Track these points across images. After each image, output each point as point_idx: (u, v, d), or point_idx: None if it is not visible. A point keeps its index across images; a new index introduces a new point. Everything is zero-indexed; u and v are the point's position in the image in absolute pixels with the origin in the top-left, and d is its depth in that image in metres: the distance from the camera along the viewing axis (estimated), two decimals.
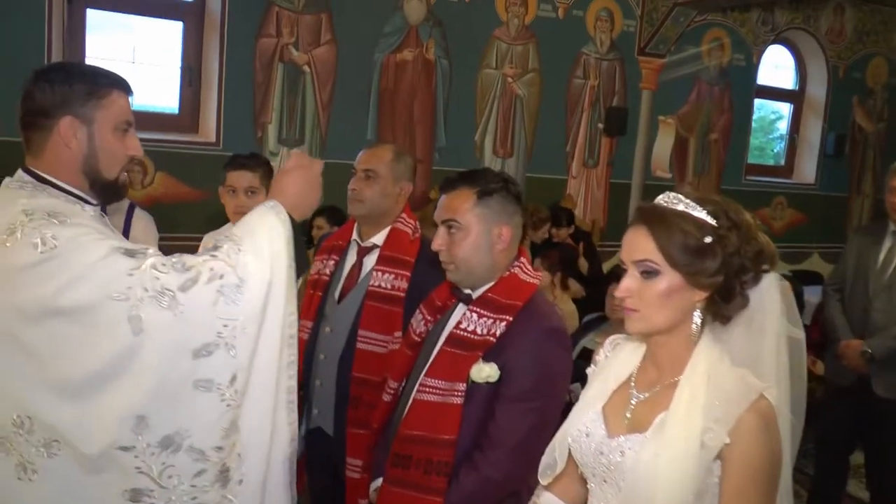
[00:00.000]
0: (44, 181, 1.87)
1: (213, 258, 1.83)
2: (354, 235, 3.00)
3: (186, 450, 1.78)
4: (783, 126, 9.60)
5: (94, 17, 6.09)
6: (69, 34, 5.94)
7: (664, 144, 8.37)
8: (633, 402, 1.76)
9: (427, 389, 2.21)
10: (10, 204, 1.80)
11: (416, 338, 2.43)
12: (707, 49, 8.40)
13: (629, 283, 1.68)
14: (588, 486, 1.81)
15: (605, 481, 1.74)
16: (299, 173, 2.06)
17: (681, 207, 1.66)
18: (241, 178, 3.33)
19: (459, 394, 2.15)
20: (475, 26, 7.19)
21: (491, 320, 2.20)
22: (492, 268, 2.27)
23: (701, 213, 1.65)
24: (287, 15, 6.43)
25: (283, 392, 1.95)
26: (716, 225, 1.64)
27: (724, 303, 1.67)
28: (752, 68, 8.73)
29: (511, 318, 2.19)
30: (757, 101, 9.08)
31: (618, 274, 4.90)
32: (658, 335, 1.72)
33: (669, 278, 1.65)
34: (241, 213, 3.26)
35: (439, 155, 7.12)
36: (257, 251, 1.87)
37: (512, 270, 2.28)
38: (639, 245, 1.67)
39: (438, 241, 2.26)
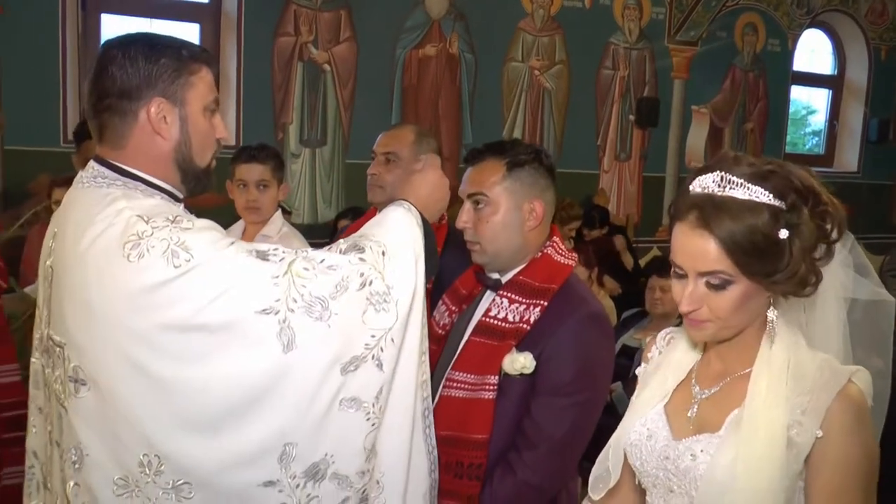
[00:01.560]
0: (131, 176, 1.62)
1: (362, 262, 1.63)
2: None
3: (331, 477, 1.59)
4: (817, 120, 9.29)
5: (109, 22, 6.01)
6: (84, 40, 5.85)
7: (698, 135, 8.12)
8: (696, 400, 1.56)
9: (455, 384, 2.00)
10: (102, 206, 1.55)
11: (440, 330, 2.21)
12: (740, 35, 8.13)
13: (695, 293, 1.46)
14: (647, 500, 1.59)
15: (671, 490, 1.53)
16: (431, 174, 1.92)
17: (741, 194, 1.40)
18: (252, 172, 3.13)
19: (491, 388, 1.93)
20: (499, 19, 7.01)
21: (524, 306, 1.98)
22: (522, 248, 2.05)
23: (766, 197, 1.40)
24: (305, 12, 6.28)
25: (419, 414, 1.75)
26: (784, 207, 1.40)
27: (799, 290, 1.45)
28: (788, 54, 8.45)
29: (546, 303, 1.97)
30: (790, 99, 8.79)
31: (656, 267, 4.69)
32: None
33: (744, 286, 1.44)
34: (253, 208, 3.10)
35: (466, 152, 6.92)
36: (402, 255, 1.70)
37: (545, 251, 2.06)
38: (703, 254, 1.43)
39: (464, 218, 2.04)
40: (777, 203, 1.40)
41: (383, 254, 1.67)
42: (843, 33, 8.93)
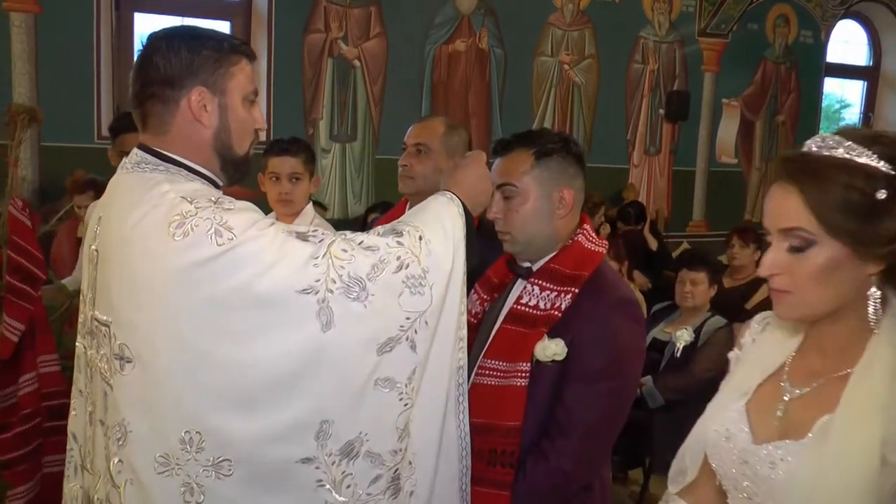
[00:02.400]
0: (173, 162, 1.67)
1: (400, 245, 1.67)
2: None
3: (364, 455, 1.63)
4: (851, 115, 9.17)
5: (141, 20, 6.09)
6: (117, 38, 5.94)
7: (729, 129, 8.07)
8: (785, 399, 1.41)
9: (486, 372, 2.00)
10: (146, 189, 1.60)
11: (472, 319, 2.21)
12: (772, 26, 8.04)
13: (775, 257, 1.32)
14: (728, 502, 1.47)
15: (749, 498, 1.40)
16: (476, 167, 1.94)
17: (840, 153, 1.27)
18: (285, 164, 3.17)
19: (523, 375, 1.93)
20: (529, 13, 7.01)
21: (555, 293, 1.99)
22: (553, 236, 2.06)
23: (869, 159, 1.26)
24: (335, 9, 6.33)
25: (452, 399, 1.79)
26: (892, 172, 1.25)
27: None
28: (821, 45, 8.37)
29: (577, 290, 1.97)
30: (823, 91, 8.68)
31: (687, 260, 4.65)
32: (821, 319, 1.37)
33: (829, 250, 1.28)
34: (286, 200, 3.13)
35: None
36: (439, 240, 1.74)
37: (575, 238, 2.07)
38: (785, 209, 1.30)
39: (494, 209, 2.05)
40: (880, 164, 1.25)
41: (420, 238, 1.71)
42: (879, 23, 8.81)
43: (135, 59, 1.73)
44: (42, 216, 3.99)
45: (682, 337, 4.34)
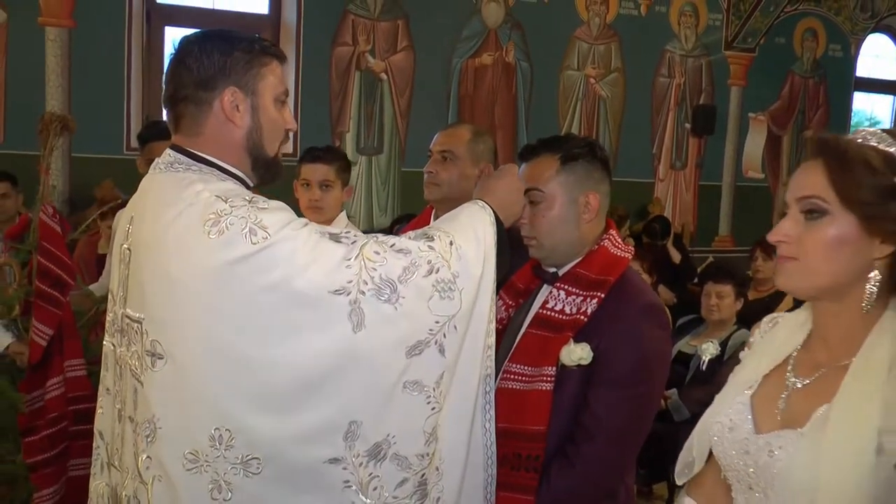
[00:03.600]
0: (206, 163, 1.69)
1: (431, 249, 1.69)
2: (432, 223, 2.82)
3: (391, 458, 1.64)
4: None
5: (172, 34, 6.18)
6: (148, 52, 6.03)
7: (756, 143, 8.03)
8: (788, 390, 1.43)
9: (511, 376, 1.99)
10: (180, 188, 1.62)
11: (497, 325, 2.21)
12: (800, 40, 8.00)
13: (787, 224, 1.36)
14: (733, 495, 1.48)
15: (750, 488, 1.41)
16: (509, 179, 1.97)
17: (873, 142, 1.32)
18: (316, 172, 3.19)
19: (549, 379, 1.92)
20: (555, 27, 7.03)
21: (581, 298, 1.98)
22: (579, 242, 2.05)
23: None
24: (363, 22, 6.38)
25: (479, 406, 1.80)
26: None
27: None
28: (850, 59, 8.32)
29: (603, 295, 1.96)
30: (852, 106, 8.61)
31: (712, 273, 4.62)
32: (824, 300, 1.38)
33: (841, 222, 1.31)
34: (315, 207, 3.15)
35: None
36: (470, 246, 1.75)
37: (601, 244, 2.06)
38: (806, 179, 1.35)
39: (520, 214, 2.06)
40: None
41: (451, 243, 1.72)
42: None
43: (165, 71, 1.77)
44: (71, 225, 4.04)
45: (708, 350, 4.31)
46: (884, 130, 1.35)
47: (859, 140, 1.34)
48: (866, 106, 9.00)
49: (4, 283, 3.31)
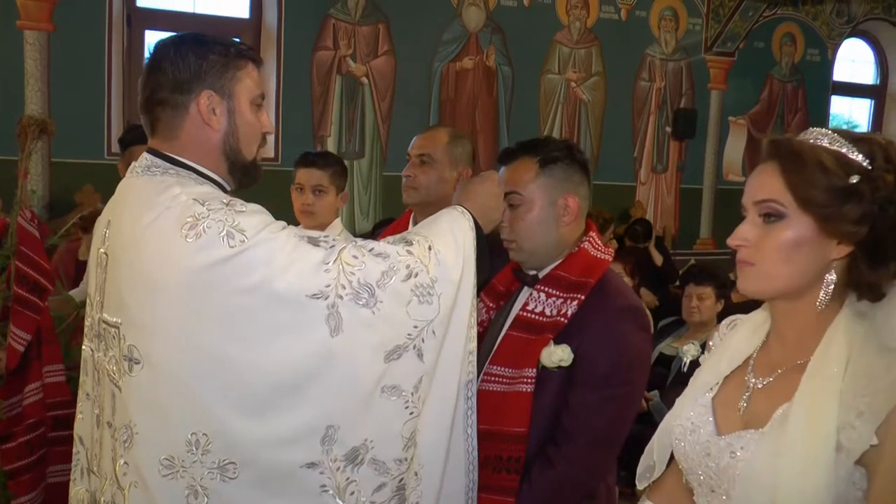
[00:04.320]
0: (183, 166, 1.68)
1: (410, 254, 1.69)
2: (411, 227, 2.81)
3: (369, 462, 1.64)
4: None
5: (152, 38, 6.14)
6: (128, 56, 6.00)
7: (736, 147, 8.09)
8: (749, 391, 1.43)
9: (492, 379, 2.00)
10: (157, 192, 1.61)
11: (478, 328, 2.22)
12: (778, 45, 8.07)
13: (746, 228, 1.37)
14: (695, 499, 1.48)
15: (712, 490, 1.41)
16: (489, 185, 1.97)
17: (825, 142, 1.33)
18: (310, 176, 3.20)
19: (529, 381, 1.93)
20: (536, 31, 7.06)
21: (561, 300, 1.99)
22: (558, 244, 2.06)
23: (850, 151, 1.31)
24: (344, 27, 6.37)
25: (460, 412, 1.79)
26: (868, 167, 1.30)
27: (870, 264, 1.31)
28: (828, 63, 8.39)
29: (583, 297, 1.97)
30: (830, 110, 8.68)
31: (693, 275, 4.63)
32: (782, 301, 1.39)
33: (798, 224, 1.31)
34: (308, 211, 3.15)
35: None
36: (449, 251, 1.75)
37: (581, 246, 2.07)
38: (763, 182, 1.36)
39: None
40: (858, 157, 1.31)
41: (430, 248, 1.72)
42: (886, 42, 8.85)
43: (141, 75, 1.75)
44: (51, 230, 4.01)
45: (689, 352, 4.32)
46: (834, 130, 1.36)
47: (811, 140, 1.34)
48: (844, 110, 9.09)
49: None
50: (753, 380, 1.44)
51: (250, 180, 1.80)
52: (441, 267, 1.71)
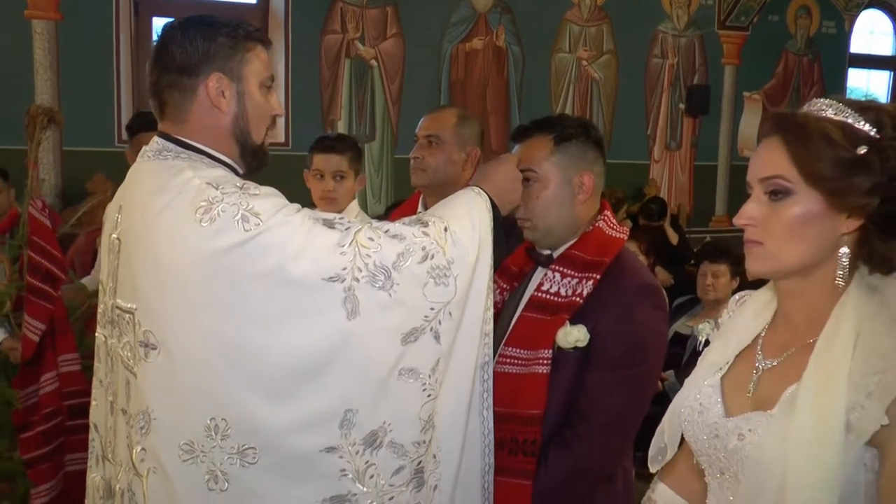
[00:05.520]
0: (194, 150, 1.67)
1: (426, 236, 1.67)
2: (420, 209, 2.79)
3: (388, 445, 1.63)
4: None
5: (160, 24, 6.11)
6: (136, 42, 5.99)
7: (751, 122, 7.99)
8: (758, 372, 1.40)
9: (507, 360, 1.97)
10: (169, 176, 1.60)
11: None
12: (793, 18, 7.96)
13: (752, 207, 1.33)
14: (706, 480, 1.46)
15: (722, 472, 1.39)
16: (507, 167, 1.94)
17: (829, 113, 1.29)
18: (329, 162, 3.14)
19: (545, 362, 1.90)
20: (545, 10, 6.99)
21: (576, 279, 1.96)
22: (573, 222, 2.03)
23: (856, 120, 1.27)
24: (352, 10, 6.34)
25: (477, 394, 1.78)
26: (876, 136, 1.26)
27: (883, 237, 1.27)
28: (845, 36, 8.26)
29: (598, 277, 1.94)
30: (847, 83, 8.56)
31: (708, 252, 4.59)
32: (790, 279, 1.35)
33: (806, 200, 1.27)
34: (329, 198, 3.11)
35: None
36: (465, 232, 1.73)
37: (596, 224, 2.04)
38: (768, 158, 1.31)
39: None
40: (865, 126, 1.27)
41: (446, 229, 1.70)
42: None
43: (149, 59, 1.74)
44: (63, 219, 4.01)
45: (705, 330, 4.27)
46: (840, 99, 1.31)
47: (816, 112, 1.30)
48: (862, 83, 8.96)
49: None
50: (762, 360, 1.41)
51: (259, 164, 1.79)
52: (457, 248, 1.70)
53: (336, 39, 6.33)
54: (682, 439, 1.53)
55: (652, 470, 1.62)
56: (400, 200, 5.20)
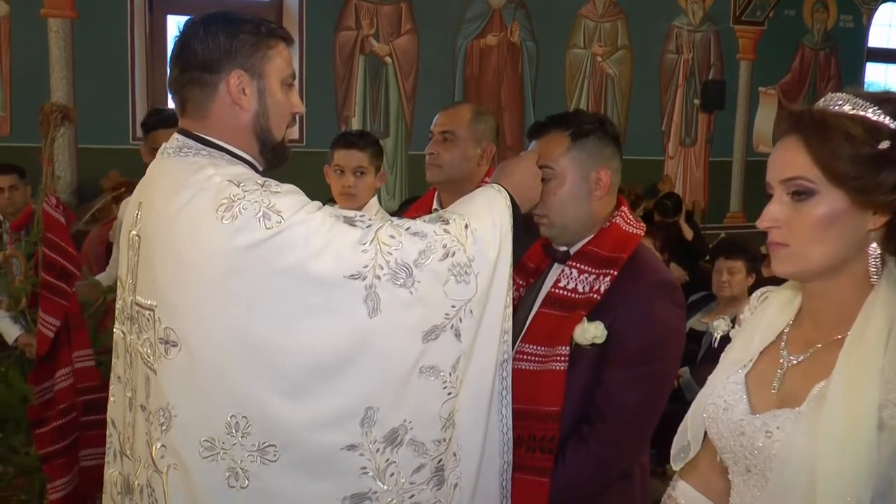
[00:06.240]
0: (215, 147, 1.67)
1: (446, 233, 1.67)
2: (435, 205, 2.78)
3: (408, 443, 1.63)
4: None
5: (174, 22, 6.14)
6: (151, 40, 6.00)
7: (766, 117, 7.94)
8: (783, 368, 1.38)
9: (524, 357, 1.96)
10: (190, 173, 1.60)
11: None
12: (809, 12, 7.90)
13: (775, 209, 1.31)
14: (729, 478, 1.44)
15: (748, 470, 1.37)
16: (527, 163, 1.93)
17: (847, 108, 1.26)
18: (350, 158, 3.14)
19: (562, 359, 1.89)
20: (560, 5, 6.98)
21: (593, 276, 1.94)
22: (590, 218, 2.01)
23: (875, 114, 1.24)
24: (366, 6, 6.34)
25: (496, 392, 1.78)
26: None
27: None
28: (862, 30, 8.20)
29: (616, 273, 1.92)
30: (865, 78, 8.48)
31: (723, 249, 4.56)
32: (816, 279, 1.33)
33: (830, 200, 1.25)
34: (349, 194, 3.11)
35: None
36: (486, 230, 1.73)
37: (613, 220, 2.02)
38: (788, 159, 1.29)
39: None
40: (885, 119, 1.24)
41: (466, 227, 1.70)
42: None
43: (168, 57, 1.74)
44: (78, 216, 4.03)
45: (720, 327, 4.25)
46: (856, 93, 1.29)
47: (832, 108, 1.28)
48: (880, 77, 8.87)
49: (11, 276, 3.30)
50: (787, 356, 1.39)
51: (279, 161, 1.78)
52: (478, 246, 1.69)
53: (350, 36, 6.33)
54: (704, 436, 1.51)
55: (675, 468, 1.60)
56: (414, 197, 5.21)
